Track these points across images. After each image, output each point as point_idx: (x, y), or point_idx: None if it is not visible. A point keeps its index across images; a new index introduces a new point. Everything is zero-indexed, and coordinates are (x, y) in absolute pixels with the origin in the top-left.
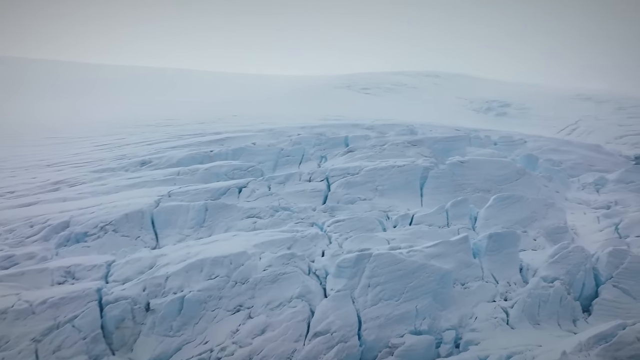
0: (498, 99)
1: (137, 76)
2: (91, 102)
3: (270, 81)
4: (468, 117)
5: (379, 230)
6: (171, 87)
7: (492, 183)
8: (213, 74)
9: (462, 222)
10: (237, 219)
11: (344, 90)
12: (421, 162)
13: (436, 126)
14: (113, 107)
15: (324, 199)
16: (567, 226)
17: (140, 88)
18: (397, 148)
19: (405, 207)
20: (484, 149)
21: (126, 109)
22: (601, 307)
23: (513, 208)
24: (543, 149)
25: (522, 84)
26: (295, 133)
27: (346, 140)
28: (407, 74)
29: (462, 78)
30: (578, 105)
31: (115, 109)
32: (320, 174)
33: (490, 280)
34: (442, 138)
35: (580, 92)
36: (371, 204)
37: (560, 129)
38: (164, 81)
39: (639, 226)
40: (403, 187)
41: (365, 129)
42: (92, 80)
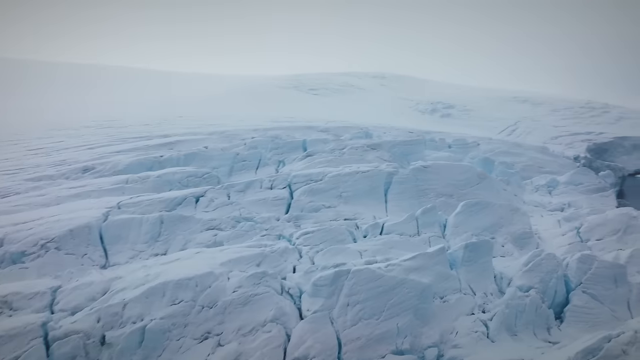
0: (442, 101)
1: (69, 74)
2: (20, 103)
3: (212, 80)
4: (415, 118)
5: (350, 241)
6: (102, 86)
7: (454, 187)
8: (148, 72)
9: (432, 230)
10: (195, 231)
11: (291, 91)
12: (385, 168)
13: (389, 128)
14: (46, 107)
15: (287, 207)
16: (533, 231)
17: (72, 86)
18: (356, 152)
19: (370, 214)
20: (440, 152)
21: (61, 109)
22: (573, 314)
23: (481, 214)
24: (495, 152)
25: (464, 86)
26: (248, 136)
27: (304, 144)
28: (354, 74)
29: (407, 79)
30: (516, 107)
31: (48, 109)
32: (282, 180)
33: (468, 292)
34: (400, 142)
35: (517, 95)
36: (336, 212)
37: (501, 129)
38: (94, 79)
39: (598, 229)
40: (367, 194)
41: (320, 132)
42: (19, 77)
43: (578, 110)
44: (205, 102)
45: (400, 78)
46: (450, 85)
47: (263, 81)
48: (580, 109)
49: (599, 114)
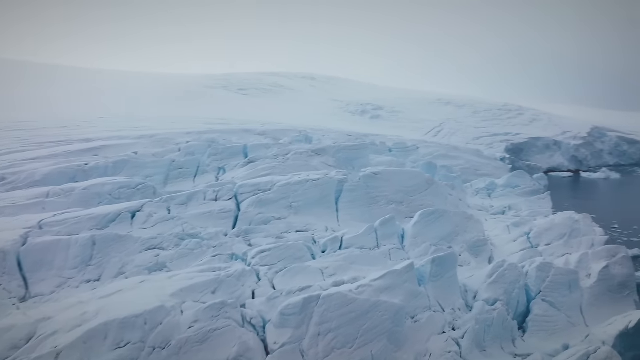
0: (371, 102)
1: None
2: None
3: (133, 78)
4: (347, 119)
5: (309, 258)
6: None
7: (404, 194)
8: (58, 68)
9: (392, 242)
10: (133, 252)
11: (220, 91)
12: (335, 175)
13: (327, 131)
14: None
15: (234, 220)
16: (486, 239)
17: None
18: (301, 158)
19: (322, 224)
20: (382, 157)
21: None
22: (534, 324)
23: (438, 223)
24: (434, 155)
25: (389, 88)
26: (182, 140)
27: (245, 149)
28: (283, 75)
29: (336, 81)
30: (440, 109)
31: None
32: (227, 191)
33: (437, 308)
34: (345, 147)
35: (441, 97)
36: (287, 223)
37: (427, 130)
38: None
39: (546, 234)
40: (318, 203)
41: (258, 135)
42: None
43: (496, 112)
44: (126, 102)
45: (329, 79)
46: (378, 87)
47: (189, 80)
48: (498, 111)
49: (514, 115)
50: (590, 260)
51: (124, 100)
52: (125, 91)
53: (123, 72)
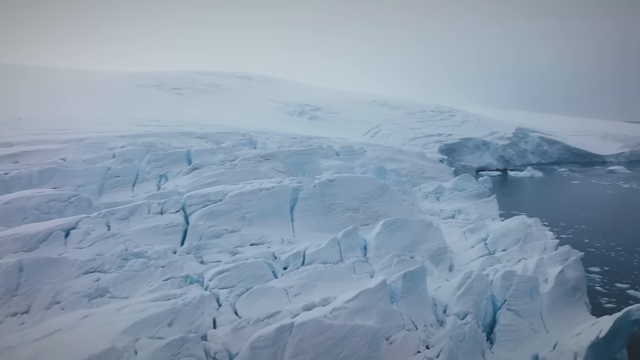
0: (309, 103)
1: None
2: None
3: (53, 75)
4: (286, 120)
5: (270, 277)
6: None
7: (360, 201)
8: None
9: (355, 254)
10: (69, 277)
11: (151, 90)
12: (289, 183)
13: (271, 133)
14: None
15: (182, 235)
16: (446, 247)
17: None
18: (249, 164)
19: (278, 235)
20: (331, 161)
21: None
22: (501, 334)
23: (400, 233)
24: (381, 158)
25: (328, 89)
26: (116, 145)
27: (188, 155)
28: (218, 74)
29: (273, 81)
30: (377, 110)
31: None
32: (174, 203)
33: (410, 327)
34: (295, 152)
35: (377, 98)
36: (241, 237)
37: (365, 131)
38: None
39: (502, 240)
40: (272, 213)
41: (198, 138)
42: None
43: (430, 113)
44: (47, 101)
45: (265, 79)
46: (314, 88)
47: (116, 78)
48: (431, 113)
49: (446, 117)
50: (546, 265)
51: (45, 100)
52: (45, 89)
53: (42, 69)
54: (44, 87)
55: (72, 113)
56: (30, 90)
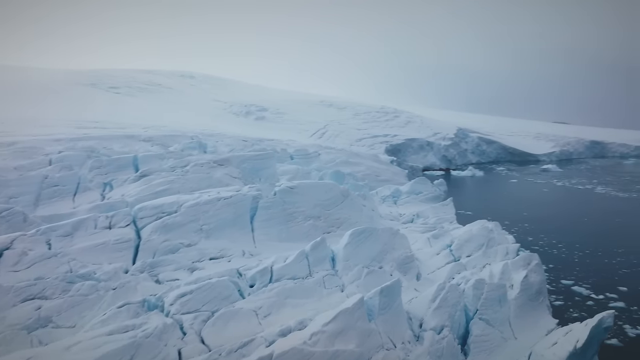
0: (255, 104)
1: None
2: None
3: None
4: (231, 120)
5: (237, 297)
6: None
7: (321, 208)
8: None
9: (324, 267)
10: (4, 307)
11: (88, 89)
12: (248, 191)
13: (220, 136)
14: None
15: (134, 252)
16: (413, 255)
17: None
18: (202, 170)
19: (238, 248)
20: (286, 165)
21: None
22: (475, 345)
23: (368, 243)
24: (336, 162)
25: (273, 89)
26: (53, 149)
27: (135, 160)
28: (158, 72)
29: (217, 80)
30: (323, 110)
31: None
32: (124, 216)
33: (389, 345)
34: (250, 156)
35: (324, 99)
36: (199, 251)
37: (312, 132)
38: None
39: (467, 246)
40: (232, 224)
41: (144, 142)
42: None
43: (375, 114)
44: None
45: (208, 78)
46: (259, 88)
47: (49, 75)
48: (376, 113)
49: (391, 118)
50: (511, 271)
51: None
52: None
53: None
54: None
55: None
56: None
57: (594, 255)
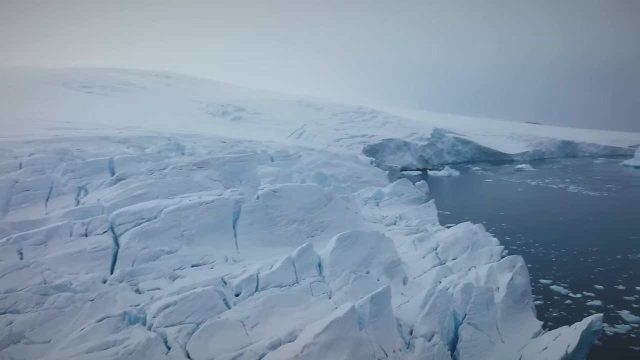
0: (232, 104)
1: None
2: None
3: None
4: (207, 121)
5: (222, 307)
6: None
7: (305, 212)
8: None
9: (310, 273)
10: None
11: (59, 88)
12: (230, 195)
13: (198, 137)
14: None
15: (112, 260)
16: (400, 258)
17: None
18: (181, 173)
19: (221, 254)
20: (267, 167)
21: None
22: (464, 350)
23: (355, 247)
24: (317, 163)
25: (250, 89)
26: (23, 152)
27: (111, 163)
28: (133, 72)
29: (192, 80)
30: (301, 111)
31: None
32: (101, 222)
33: (381, 354)
34: (231, 159)
35: (301, 99)
36: (180, 258)
37: (290, 132)
38: None
39: (452, 249)
40: (214, 229)
41: (119, 143)
42: None
43: (352, 114)
44: None
45: (184, 78)
46: (235, 88)
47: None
48: (354, 114)
49: (369, 118)
50: (496, 273)
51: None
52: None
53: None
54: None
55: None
56: None
57: (569, 254)
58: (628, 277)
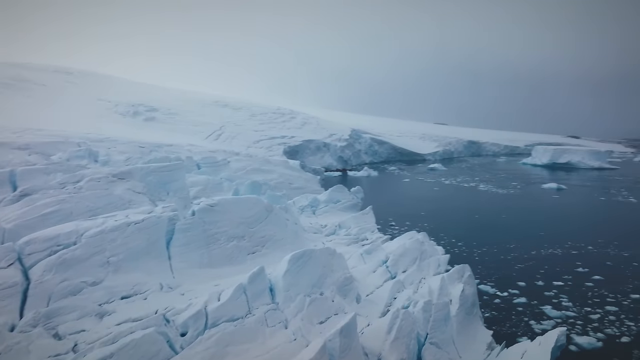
0: (144, 103)
1: None
2: None
3: None
4: (117, 122)
5: (168, 352)
6: None
7: (245, 227)
8: None
9: (264, 301)
10: None
11: None
12: (162, 213)
13: (112, 141)
14: None
15: (22, 298)
16: (352, 275)
17: None
18: (99, 185)
19: (155, 281)
20: (195, 175)
21: None
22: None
23: (307, 267)
24: (247, 170)
25: (162, 88)
26: None
27: (12, 176)
28: (27, 66)
29: (97, 77)
30: (218, 111)
31: None
32: (5, 252)
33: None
34: (156, 168)
35: (218, 99)
36: (107, 290)
37: (208, 134)
38: None
39: (402, 261)
40: (145, 252)
41: (20, 150)
42: None
43: (271, 115)
44: None
45: (88, 75)
46: (146, 86)
47: None
48: (273, 115)
49: (288, 119)
50: (447, 285)
51: None
52: None
53: None
54: None
55: None
56: None
57: (490, 252)
58: (545, 273)
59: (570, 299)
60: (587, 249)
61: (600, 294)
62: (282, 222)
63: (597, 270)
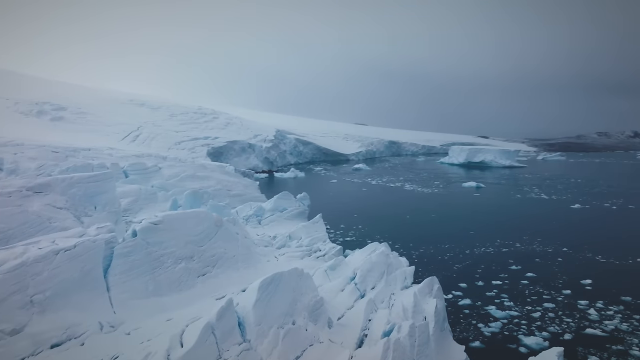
0: (50, 101)
1: None
2: None
3: None
4: (18, 122)
5: None
6: None
7: (194, 245)
8: None
9: (234, 340)
10: None
11: None
12: (97, 234)
13: (18, 145)
14: None
15: None
16: (322, 297)
17: None
18: (10, 202)
19: (92, 320)
20: (123, 184)
21: None
22: None
23: (278, 294)
24: (181, 176)
25: (71, 85)
26: None
27: None
28: None
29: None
30: (134, 110)
31: None
32: None
33: None
34: (81, 179)
35: (133, 98)
36: (31, 338)
37: (124, 135)
38: None
39: (370, 277)
40: (78, 285)
41: None
42: None
43: (193, 115)
44: None
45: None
46: (50, 83)
47: None
48: (194, 115)
49: (210, 119)
50: (420, 301)
51: None
52: None
53: None
54: None
55: None
56: None
57: (427, 252)
58: (482, 272)
59: (510, 298)
60: (516, 247)
61: (537, 291)
62: (232, 237)
63: (529, 268)
